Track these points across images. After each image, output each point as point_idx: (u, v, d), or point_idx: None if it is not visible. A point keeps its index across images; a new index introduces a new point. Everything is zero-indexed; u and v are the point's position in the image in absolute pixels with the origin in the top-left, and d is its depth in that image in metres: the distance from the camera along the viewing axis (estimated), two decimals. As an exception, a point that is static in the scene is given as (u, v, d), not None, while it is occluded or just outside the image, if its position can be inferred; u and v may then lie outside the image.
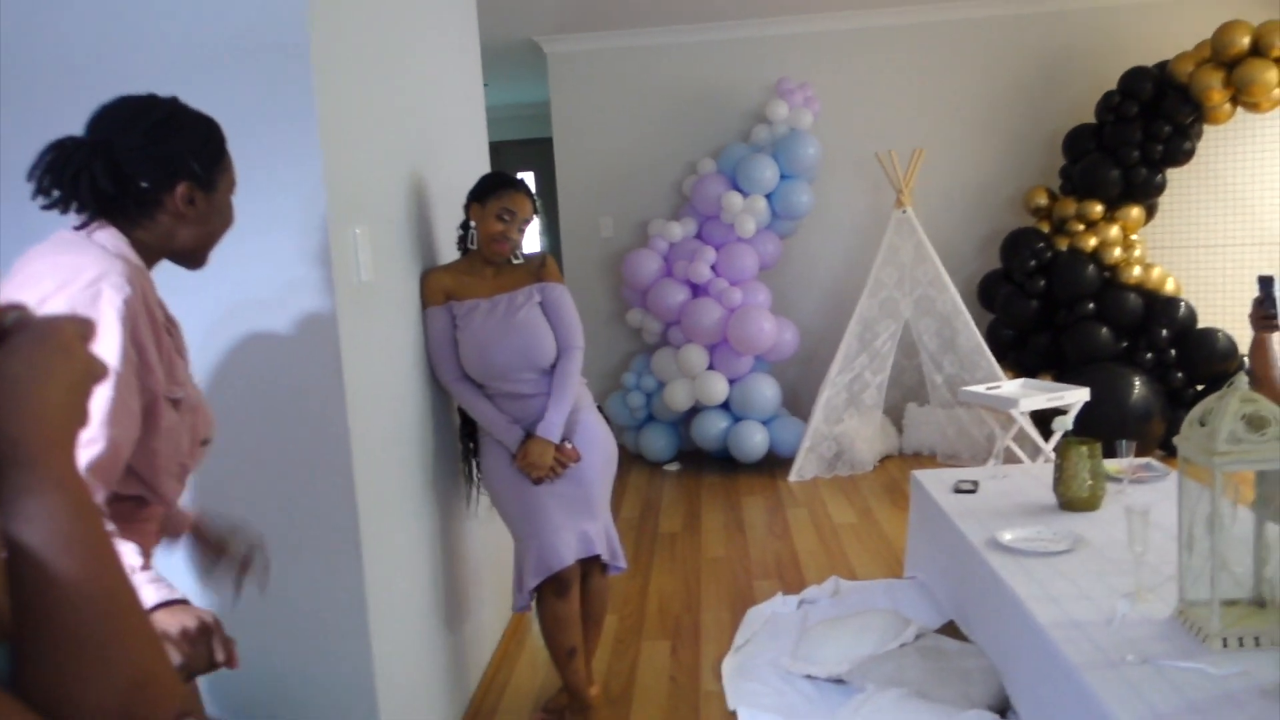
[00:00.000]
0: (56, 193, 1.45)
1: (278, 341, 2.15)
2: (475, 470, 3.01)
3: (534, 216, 2.85)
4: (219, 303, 2.13)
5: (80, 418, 0.64)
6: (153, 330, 1.46)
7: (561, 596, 2.83)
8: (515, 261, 2.86)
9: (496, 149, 4.13)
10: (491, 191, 2.79)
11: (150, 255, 1.56)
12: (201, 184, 1.54)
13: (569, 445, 2.80)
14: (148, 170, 1.49)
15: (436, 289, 2.82)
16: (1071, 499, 3.18)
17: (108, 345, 1.37)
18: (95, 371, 0.65)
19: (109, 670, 0.59)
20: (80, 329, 0.65)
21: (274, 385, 2.16)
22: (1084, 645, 2.26)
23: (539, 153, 7.92)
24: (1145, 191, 5.54)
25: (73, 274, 1.38)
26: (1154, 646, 2.22)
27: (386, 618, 2.36)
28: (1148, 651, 2.19)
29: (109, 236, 1.48)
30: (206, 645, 1.36)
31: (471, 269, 2.85)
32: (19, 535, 0.59)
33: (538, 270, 2.88)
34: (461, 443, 3.03)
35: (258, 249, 2.11)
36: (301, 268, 2.13)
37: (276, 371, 2.16)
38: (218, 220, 1.61)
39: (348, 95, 2.30)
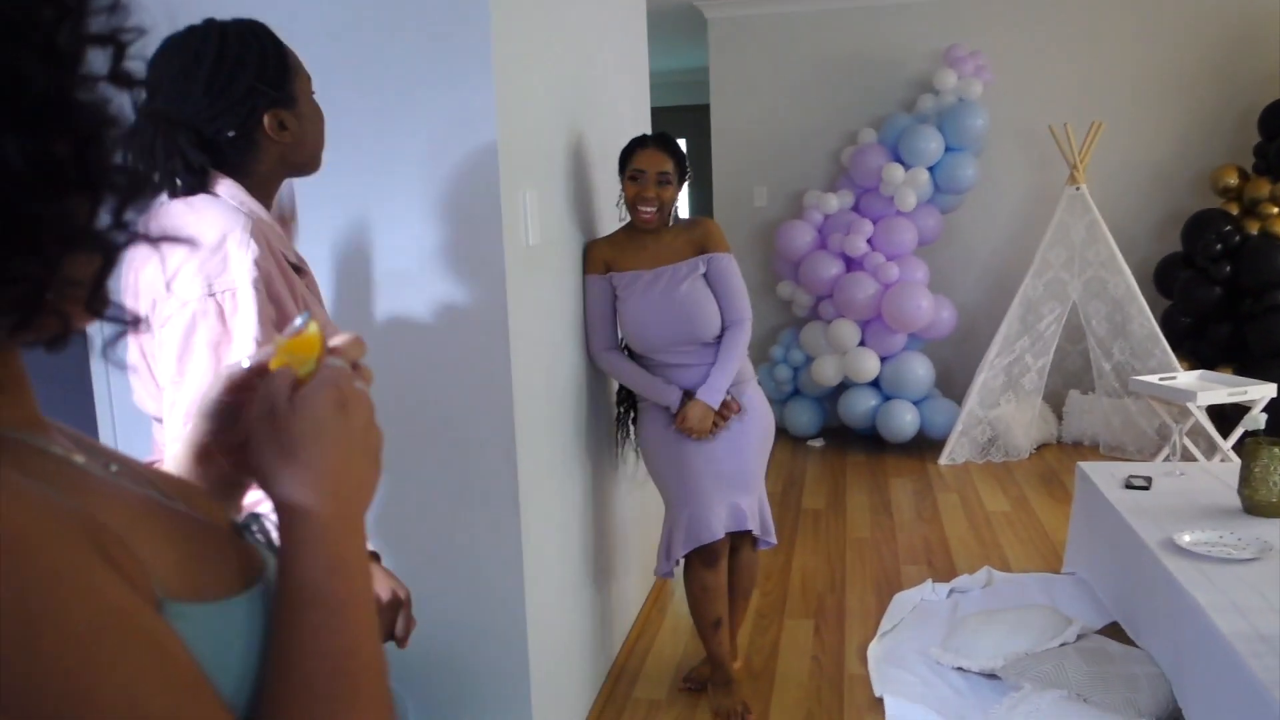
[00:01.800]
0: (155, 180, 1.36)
1: (445, 303, 2.19)
2: (631, 436, 3.01)
3: (675, 169, 2.73)
4: (390, 262, 2.18)
5: (358, 473, 0.67)
6: (286, 281, 1.42)
7: (710, 567, 2.81)
8: (670, 226, 2.81)
9: (654, 115, 4.09)
10: (624, 159, 2.77)
11: (268, 188, 1.50)
12: (284, 104, 1.45)
13: (729, 396, 2.76)
14: (227, 121, 1.40)
15: (597, 259, 2.81)
16: (1259, 503, 2.96)
17: (245, 311, 1.33)
18: (362, 426, 0.68)
19: (343, 710, 0.61)
20: (361, 380, 0.69)
21: (441, 347, 2.20)
22: (1273, 662, 2.10)
23: (695, 119, 7.84)
24: (1352, 173, 5.09)
25: (198, 238, 1.34)
26: (1356, 670, 2.04)
27: (541, 576, 2.39)
28: (1349, 675, 2.02)
29: (227, 187, 1.41)
30: (390, 619, 1.38)
31: (632, 240, 2.82)
32: (286, 561, 0.63)
33: (701, 240, 2.81)
34: (618, 407, 3.03)
35: (428, 209, 2.14)
36: (471, 230, 2.15)
37: (443, 333, 2.19)
38: (311, 125, 1.52)
39: (521, 56, 2.30)
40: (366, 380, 0.70)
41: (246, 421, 0.70)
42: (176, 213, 1.36)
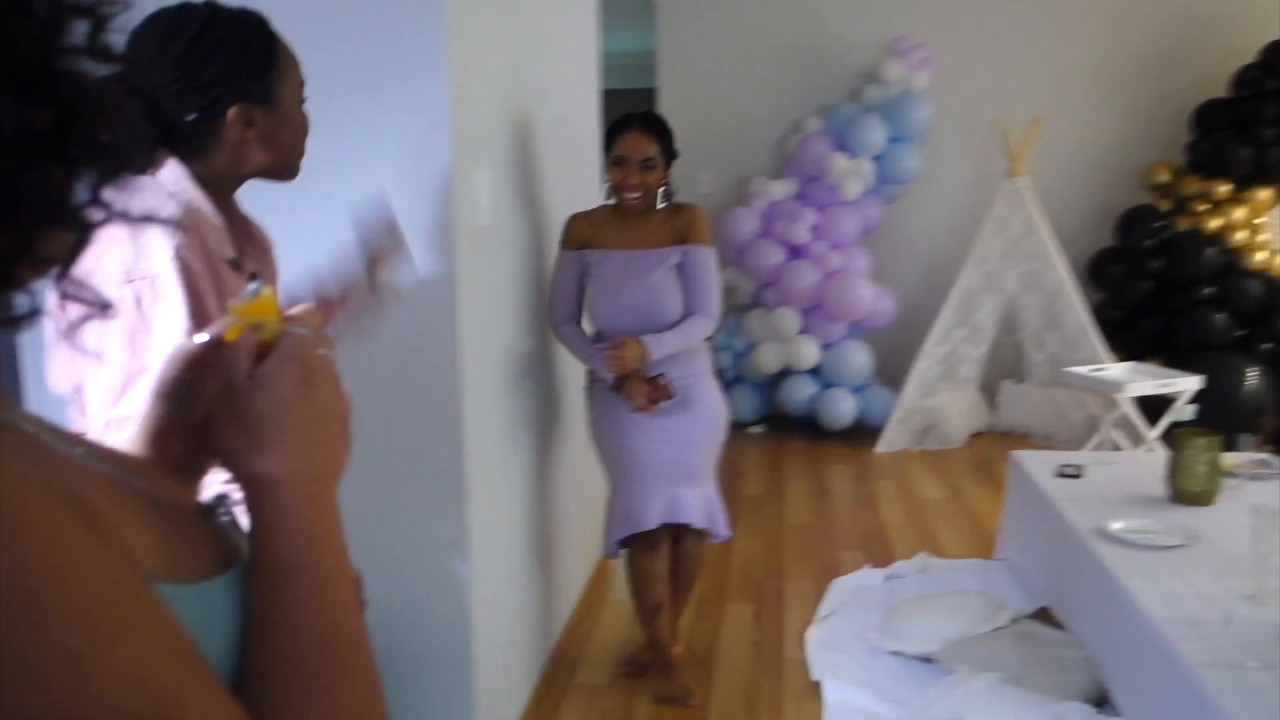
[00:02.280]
0: None
1: (394, 282, 2.15)
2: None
3: (660, 152, 2.67)
4: (336, 240, 2.13)
5: (327, 446, 0.65)
6: (214, 278, 1.34)
7: (649, 551, 2.81)
8: (660, 207, 2.74)
9: (604, 97, 4.07)
10: (610, 139, 2.72)
11: (224, 184, 1.42)
12: (257, 100, 1.38)
13: (665, 380, 2.67)
14: (189, 102, 1.33)
15: (574, 234, 2.76)
16: (1186, 492, 3.06)
17: (167, 299, 1.28)
18: (329, 399, 0.66)
19: (332, 685, 0.60)
20: (324, 346, 0.67)
21: (388, 326, 2.16)
22: (1199, 646, 2.17)
23: (642, 103, 7.79)
24: (1278, 172, 5.26)
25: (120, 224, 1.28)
26: (1276, 652, 2.12)
27: (485, 559, 2.38)
28: (1270, 657, 2.09)
29: (170, 171, 1.34)
30: None
31: (615, 218, 2.76)
32: (259, 542, 0.61)
33: (684, 229, 2.72)
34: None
35: (378, 187, 2.10)
36: (421, 208, 2.12)
37: (391, 313, 2.16)
38: (289, 131, 1.44)
39: (474, 36, 2.27)
40: (329, 348, 0.68)
41: (205, 400, 0.68)
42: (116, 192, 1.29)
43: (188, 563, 0.57)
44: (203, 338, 0.70)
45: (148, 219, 0.56)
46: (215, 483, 0.80)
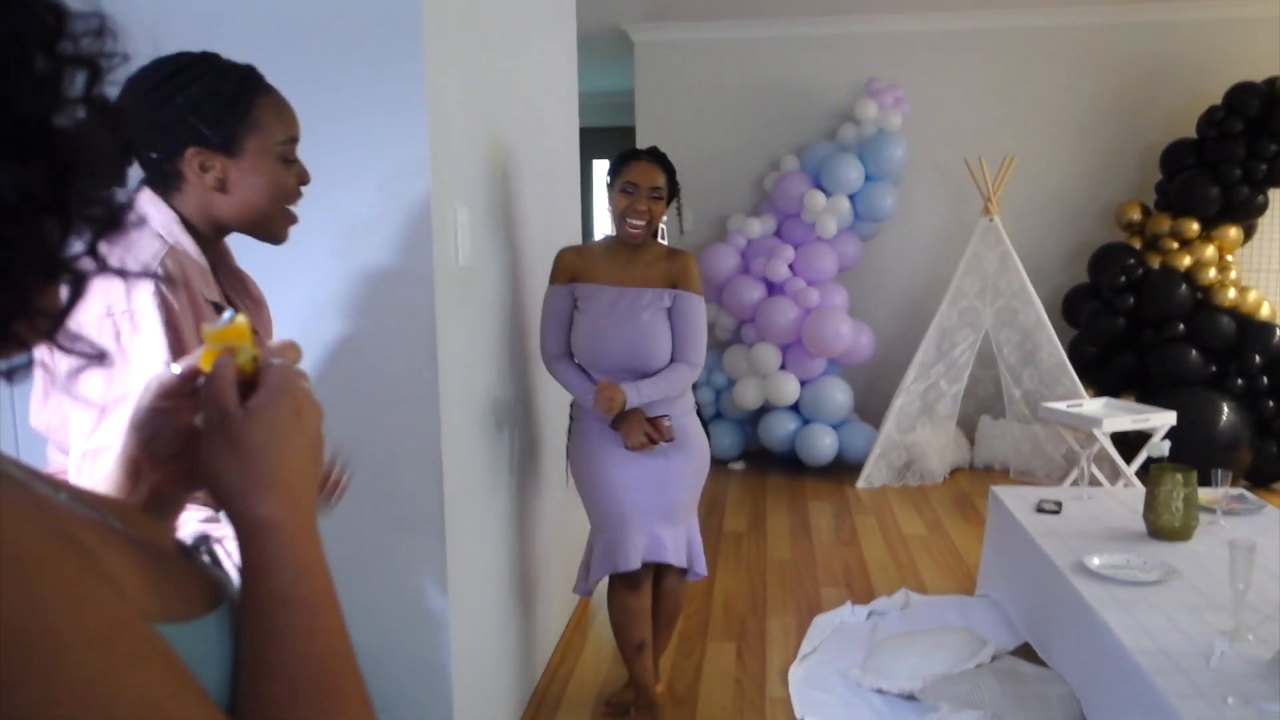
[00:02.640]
0: None
1: (373, 323, 2.15)
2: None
3: (667, 185, 2.69)
4: (317, 280, 2.13)
5: (313, 474, 0.66)
6: (194, 315, 1.33)
7: (631, 590, 2.80)
8: (652, 246, 2.75)
9: (581, 135, 4.10)
10: (615, 168, 2.72)
11: (204, 230, 1.41)
12: (213, 146, 1.35)
13: (668, 423, 2.68)
14: (152, 138, 1.32)
15: (564, 269, 2.76)
16: (1162, 527, 3.08)
17: (147, 334, 1.27)
18: (316, 430, 0.67)
19: (326, 714, 0.60)
20: (305, 391, 0.67)
21: (368, 368, 2.16)
22: (1180, 681, 2.18)
23: (621, 141, 7.88)
24: (1245, 211, 5.36)
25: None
26: (1256, 688, 2.13)
27: (465, 600, 2.36)
28: (1250, 693, 2.10)
29: (157, 213, 1.34)
30: None
31: (608, 252, 2.76)
32: (251, 575, 0.61)
33: (678, 275, 2.71)
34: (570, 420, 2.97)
35: (357, 227, 2.11)
36: (401, 248, 2.12)
37: (371, 353, 2.15)
38: (256, 187, 1.40)
39: (453, 74, 2.28)
40: (307, 381, 0.69)
41: (181, 431, 0.68)
42: None
43: (175, 603, 0.57)
44: (178, 367, 0.70)
45: (140, 273, 0.56)
46: (192, 522, 0.79)
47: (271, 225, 1.45)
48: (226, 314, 0.67)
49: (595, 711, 3.00)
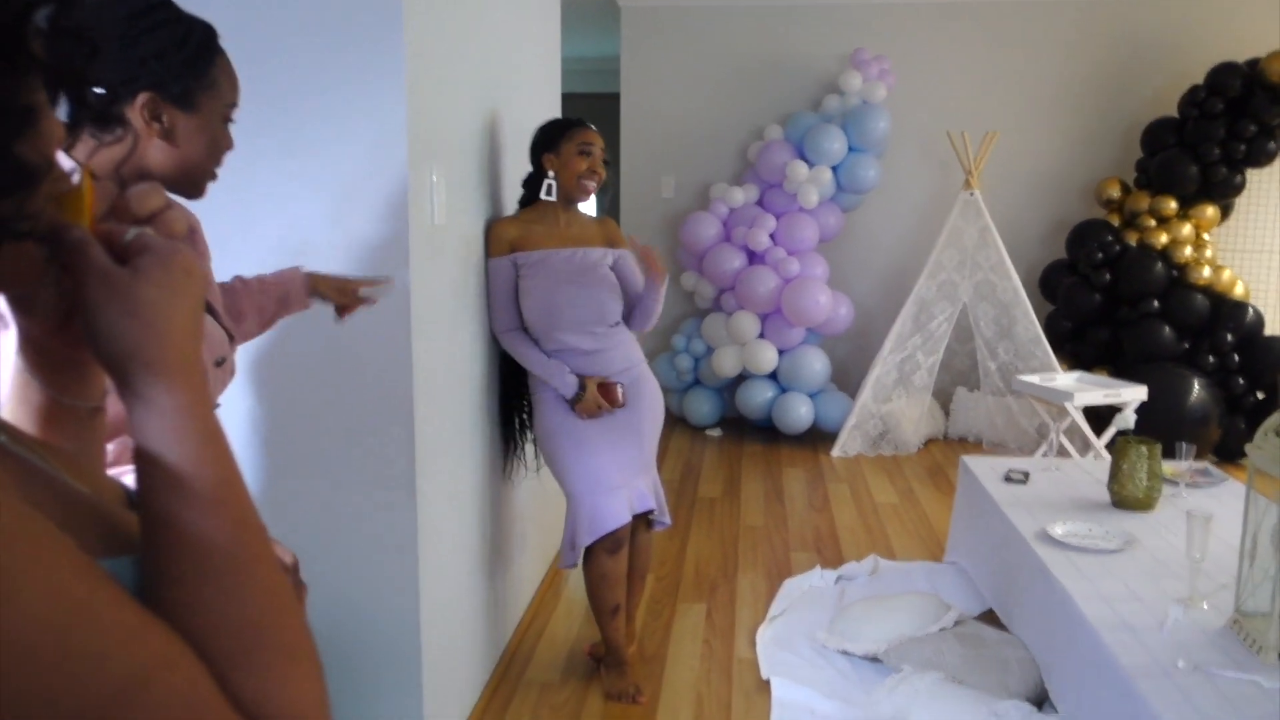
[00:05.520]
0: None
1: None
2: (521, 431, 3.03)
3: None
4: (289, 240, 2.14)
5: (201, 337, 0.64)
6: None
7: (612, 554, 2.83)
8: (575, 212, 2.87)
9: (564, 101, 4.09)
10: (563, 133, 2.79)
11: (125, 175, 1.33)
12: (169, 96, 1.31)
13: (620, 389, 2.79)
14: (107, 73, 1.26)
15: (502, 239, 2.79)
16: (1126, 498, 3.14)
17: None
18: (204, 292, 0.65)
19: (243, 584, 0.60)
20: (195, 247, 0.66)
21: (341, 327, 2.17)
22: (1134, 648, 2.24)
23: (605, 108, 7.85)
24: (1223, 191, 5.40)
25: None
26: (1206, 655, 2.19)
27: (435, 559, 2.39)
28: (1200, 659, 2.16)
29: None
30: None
31: (542, 218, 2.82)
32: (155, 449, 0.60)
33: (611, 235, 2.92)
34: (505, 403, 3.02)
35: (331, 184, 2.11)
36: (377, 210, 2.13)
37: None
38: (200, 144, 1.37)
39: (432, 36, 2.28)
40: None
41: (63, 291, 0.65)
42: None
43: (90, 540, 0.57)
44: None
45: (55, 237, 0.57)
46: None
47: (201, 181, 1.42)
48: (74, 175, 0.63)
49: (566, 668, 3.05)
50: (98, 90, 1.26)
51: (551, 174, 2.79)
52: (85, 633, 0.48)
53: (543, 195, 2.82)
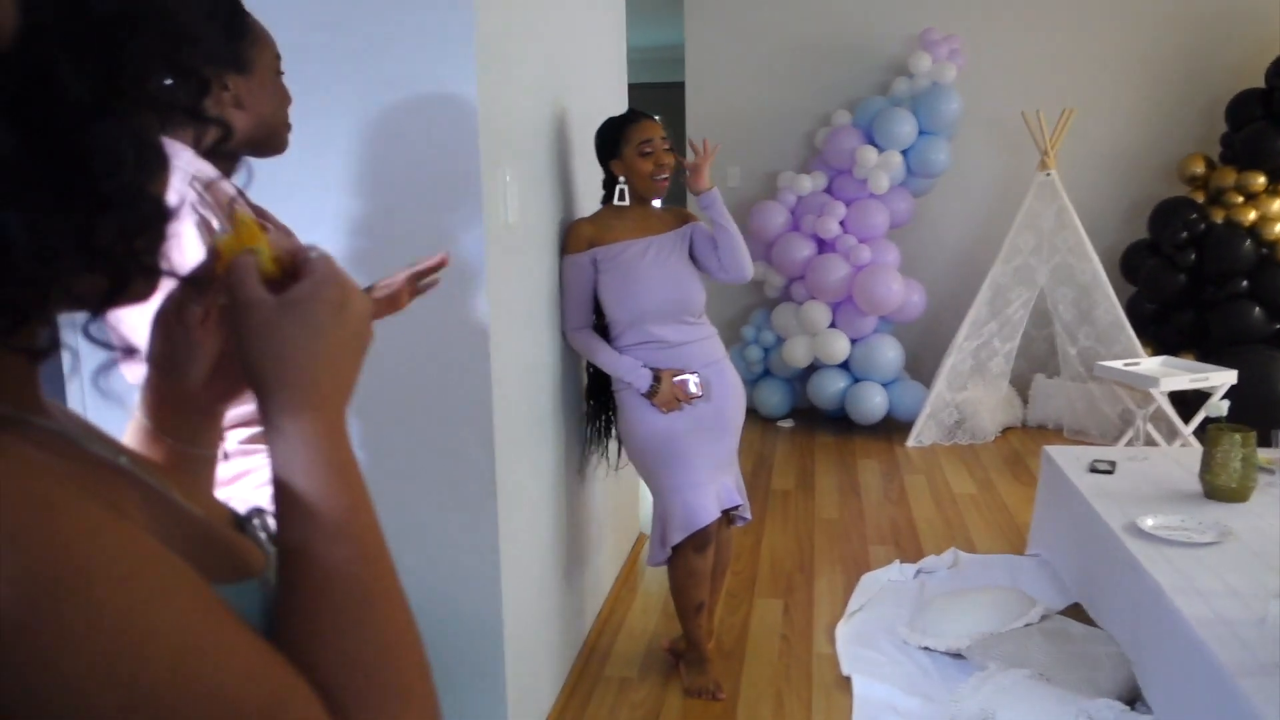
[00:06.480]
0: None
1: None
2: (603, 430, 3.03)
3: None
4: (365, 241, 2.16)
5: (351, 368, 0.65)
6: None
7: (700, 551, 2.81)
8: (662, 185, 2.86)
9: (629, 91, 4.08)
10: (621, 135, 2.78)
11: (219, 159, 1.36)
12: (227, 64, 1.33)
13: (697, 381, 2.76)
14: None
15: (580, 236, 2.80)
16: (1219, 488, 3.03)
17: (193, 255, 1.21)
18: (361, 325, 0.65)
19: (366, 620, 0.60)
20: (351, 283, 0.65)
21: (419, 325, 2.18)
22: (1234, 645, 2.16)
23: (669, 97, 7.83)
24: (1315, 165, 5.18)
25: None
26: (1311, 652, 2.10)
27: (516, 560, 2.40)
28: (1304, 657, 2.08)
29: (181, 154, 1.26)
30: None
31: (618, 215, 2.83)
32: (285, 477, 0.60)
33: (683, 215, 2.94)
34: (587, 401, 3.05)
35: (406, 183, 2.12)
36: (450, 207, 2.14)
37: (420, 314, 2.17)
38: (266, 100, 1.39)
39: (503, 31, 2.28)
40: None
41: (207, 351, 0.67)
42: None
43: (204, 565, 0.57)
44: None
45: (185, 277, 0.57)
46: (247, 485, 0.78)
47: (278, 136, 1.44)
48: (218, 226, 0.66)
49: (644, 664, 3.05)
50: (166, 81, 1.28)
51: (622, 179, 2.80)
52: (207, 673, 0.48)
53: (616, 201, 2.82)
